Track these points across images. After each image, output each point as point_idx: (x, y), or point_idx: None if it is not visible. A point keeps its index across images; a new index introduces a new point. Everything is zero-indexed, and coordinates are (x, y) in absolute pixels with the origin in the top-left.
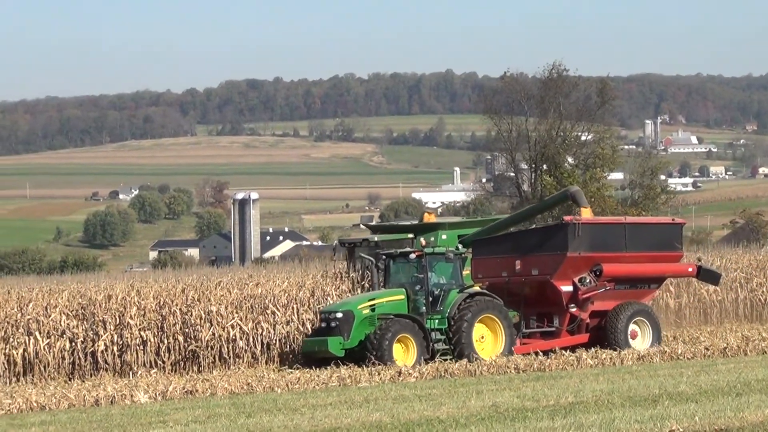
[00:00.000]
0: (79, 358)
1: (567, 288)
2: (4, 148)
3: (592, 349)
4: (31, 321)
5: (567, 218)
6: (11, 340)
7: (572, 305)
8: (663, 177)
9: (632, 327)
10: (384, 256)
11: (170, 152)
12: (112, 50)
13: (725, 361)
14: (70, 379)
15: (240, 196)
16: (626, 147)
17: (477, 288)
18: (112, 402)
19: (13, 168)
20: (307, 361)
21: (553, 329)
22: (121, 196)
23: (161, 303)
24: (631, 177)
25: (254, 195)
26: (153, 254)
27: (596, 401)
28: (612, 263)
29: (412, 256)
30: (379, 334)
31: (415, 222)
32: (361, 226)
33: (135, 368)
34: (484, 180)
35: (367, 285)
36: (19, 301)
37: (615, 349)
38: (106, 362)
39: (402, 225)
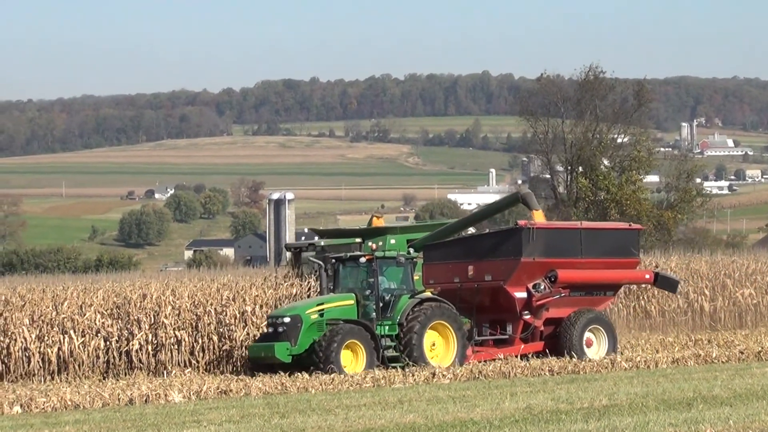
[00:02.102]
0: (114, 357)
1: (521, 294)
2: (41, 147)
3: (627, 353)
4: (66, 320)
5: (521, 222)
6: (46, 338)
7: (526, 312)
8: (699, 180)
9: (587, 335)
10: (333, 260)
11: (206, 152)
12: (149, 49)
13: (760, 365)
14: (104, 378)
15: (275, 196)
16: (662, 150)
17: (429, 293)
18: (146, 401)
19: (49, 166)
20: (254, 367)
21: (506, 337)
22: (156, 196)
23: (196, 302)
24: (667, 180)
25: (290, 195)
26: (188, 254)
27: (630, 404)
28: (567, 269)
29: (362, 259)
30: (326, 339)
31: (363, 227)
32: (306, 230)
33: (169, 368)
34: (519, 182)
35: (309, 289)
36: (54, 299)
37: (571, 356)
38: (140, 361)
39: (349, 229)
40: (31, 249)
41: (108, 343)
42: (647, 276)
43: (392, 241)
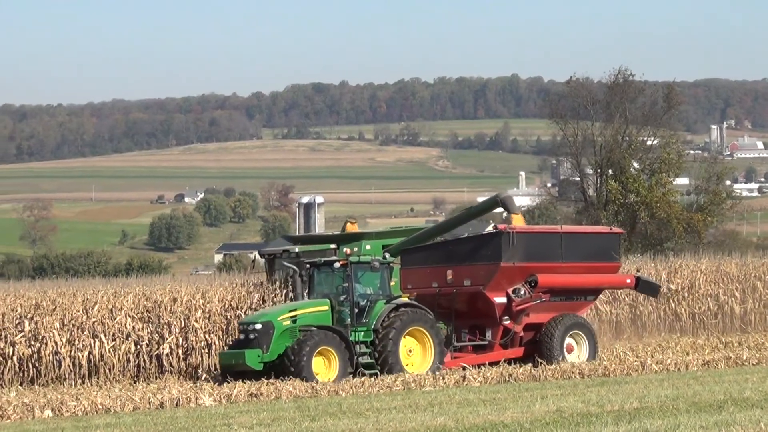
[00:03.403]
0: (144, 360)
1: (500, 299)
2: (71, 151)
3: (658, 355)
4: (96, 323)
5: (501, 226)
6: (77, 342)
7: (506, 317)
8: (728, 182)
9: (568, 340)
10: (308, 265)
11: (236, 156)
12: (179, 53)
13: None
14: (134, 382)
15: (305, 199)
16: (692, 152)
17: (405, 299)
18: (176, 405)
19: (80, 171)
20: (225, 374)
21: (486, 342)
22: (186, 200)
23: (226, 306)
24: (697, 182)
25: (319, 199)
26: (218, 257)
27: (661, 407)
28: (547, 274)
29: (337, 264)
30: (298, 346)
31: (337, 232)
32: (280, 238)
33: (200, 371)
34: (549, 185)
35: (280, 295)
36: (85, 303)
37: (550, 362)
38: (171, 365)
39: (324, 235)
40: (62, 253)
41: (138, 346)
42: (628, 280)
43: (367, 247)
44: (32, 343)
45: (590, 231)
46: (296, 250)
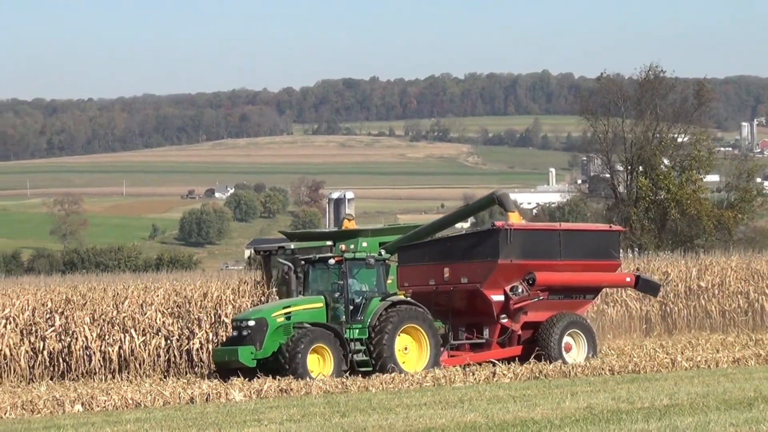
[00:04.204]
0: (175, 355)
1: (498, 297)
2: (101, 146)
3: (688, 352)
4: (126, 318)
5: (498, 223)
6: (107, 337)
7: (503, 316)
8: (759, 180)
9: (566, 339)
10: (303, 262)
11: (266, 151)
12: (210, 48)
13: None
14: (165, 377)
15: (335, 195)
16: (722, 149)
17: (401, 296)
18: (207, 400)
19: (110, 165)
20: (219, 371)
21: (483, 341)
22: (216, 195)
23: (256, 301)
24: (727, 179)
25: (349, 194)
26: (248, 252)
27: (691, 404)
28: (546, 272)
29: (332, 261)
30: (293, 343)
31: (335, 229)
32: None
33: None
34: (579, 181)
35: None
36: (115, 298)
37: (549, 361)
38: (201, 360)
39: (320, 232)
40: (92, 248)
41: (168, 341)
42: (628, 279)
43: (364, 244)
44: (63, 337)
45: (589, 228)
46: (291, 246)
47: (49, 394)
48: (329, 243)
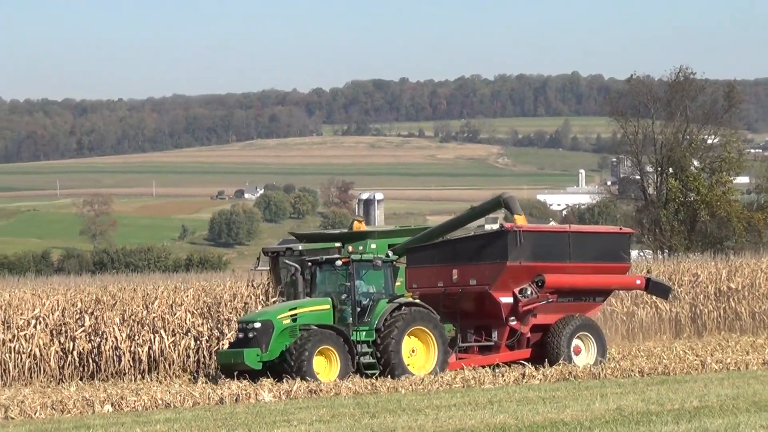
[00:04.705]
0: (204, 356)
1: (507, 300)
2: (131, 146)
3: (717, 354)
4: (156, 319)
5: (507, 225)
6: (137, 337)
7: (512, 318)
8: None
9: (576, 342)
10: (310, 264)
11: (296, 152)
12: (239, 49)
13: None
14: (195, 378)
15: (365, 196)
16: (752, 151)
17: (408, 298)
18: (236, 400)
19: (140, 166)
20: (225, 374)
21: (492, 343)
22: (246, 195)
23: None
24: (758, 181)
25: (379, 195)
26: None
27: (721, 406)
28: (555, 274)
29: (339, 262)
30: (298, 345)
31: (344, 230)
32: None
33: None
34: (609, 183)
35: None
36: (145, 298)
37: (558, 364)
38: None
39: (329, 233)
40: (122, 248)
41: (198, 342)
42: (638, 281)
43: (373, 246)
44: (92, 338)
45: (599, 231)
46: (299, 248)
47: (79, 395)
48: (338, 244)
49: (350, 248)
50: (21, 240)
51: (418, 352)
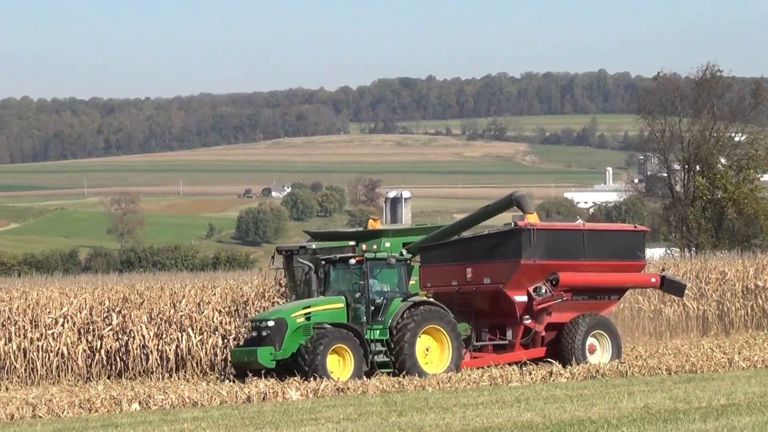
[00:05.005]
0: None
1: (521, 298)
2: (158, 145)
3: (745, 352)
4: (183, 317)
5: (521, 223)
6: (164, 336)
7: (527, 317)
8: None
9: (590, 340)
10: (324, 262)
11: (323, 150)
12: (266, 48)
13: None
14: (222, 378)
15: (392, 194)
16: None
17: (423, 296)
18: (263, 399)
19: (167, 164)
20: (237, 373)
21: (506, 342)
22: (273, 194)
23: None
24: None
25: (406, 193)
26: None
27: (749, 404)
28: (569, 272)
29: (352, 261)
30: (312, 344)
31: (360, 229)
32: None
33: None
34: (636, 180)
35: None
36: (172, 297)
37: (572, 363)
38: None
39: (344, 232)
40: (149, 247)
41: (225, 341)
42: (653, 279)
43: (387, 244)
44: (120, 336)
45: (614, 229)
46: (313, 246)
47: (107, 393)
48: (352, 243)
49: (364, 247)
50: (49, 239)
51: (433, 351)
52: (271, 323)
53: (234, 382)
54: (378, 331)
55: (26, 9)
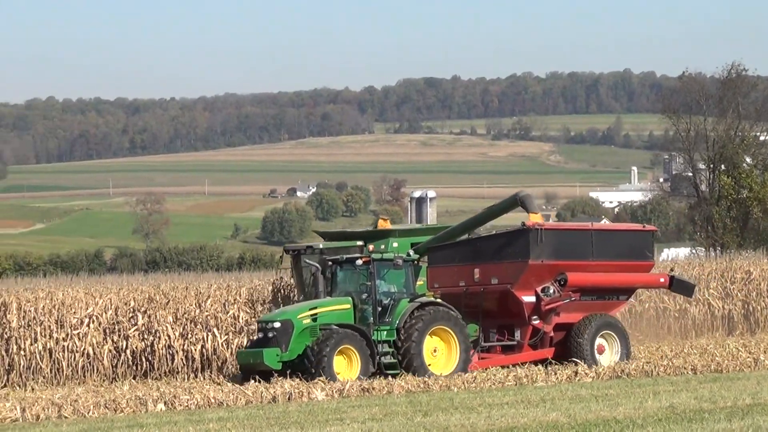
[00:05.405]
0: None
1: (529, 298)
2: (183, 145)
3: None
4: (209, 317)
5: (529, 223)
6: (190, 336)
7: (535, 317)
8: None
9: (599, 341)
10: (330, 263)
11: (348, 150)
12: (291, 47)
13: None
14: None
15: (417, 194)
16: None
17: (430, 297)
18: (289, 399)
19: (192, 165)
20: (245, 374)
21: (515, 343)
22: (298, 194)
23: None
24: None
25: (431, 193)
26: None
27: None
28: (578, 272)
29: (359, 262)
30: (319, 345)
31: (369, 229)
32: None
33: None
34: (661, 180)
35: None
36: (198, 297)
37: (581, 363)
38: None
39: (352, 232)
40: (174, 247)
41: (251, 341)
42: (662, 279)
43: (395, 245)
44: (145, 336)
45: (622, 228)
46: (320, 246)
47: (132, 393)
48: (359, 243)
49: (371, 247)
50: (74, 239)
51: (440, 352)
52: (277, 324)
53: (260, 382)
54: (385, 332)
55: (52, 9)
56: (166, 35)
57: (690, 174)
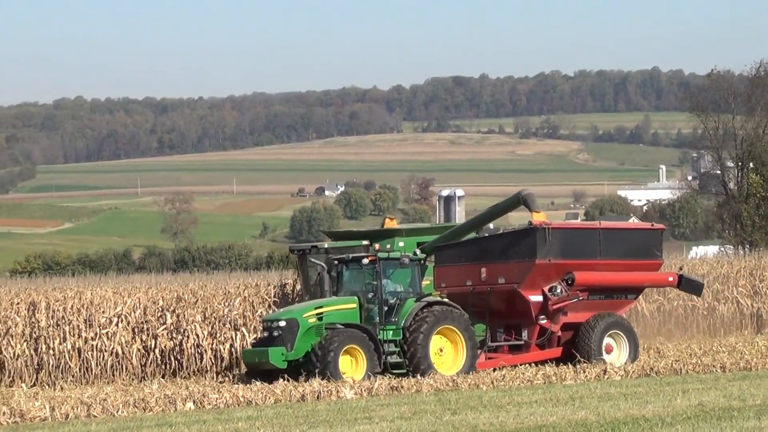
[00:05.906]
0: None
1: (536, 298)
2: (212, 144)
3: None
4: (237, 316)
5: (535, 222)
6: (218, 335)
7: (542, 317)
8: None
9: (607, 340)
10: (336, 262)
11: (376, 149)
12: (319, 47)
13: None
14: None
15: (445, 192)
16: None
17: (436, 297)
18: (317, 398)
19: (220, 164)
20: (250, 373)
21: (522, 342)
22: (327, 192)
23: None
24: None
25: (459, 192)
26: None
27: None
28: (585, 271)
29: (365, 261)
30: (324, 344)
31: (376, 228)
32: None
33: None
34: (690, 178)
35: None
36: (226, 296)
37: (589, 363)
38: None
39: (358, 231)
40: (203, 246)
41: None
42: (671, 278)
43: (401, 244)
44: (174, 335)
45: (630, 227)
46: (325, 245)
47: (161, 392)
48: (365, 242)
49: (377, 246)
50: (102, 238)
51: (446, 352)
52: (282, 323)
53: (288, 380)
54: (391, 332)
55: (80, 10)
56: (194, 35)
57: (718, 172)
